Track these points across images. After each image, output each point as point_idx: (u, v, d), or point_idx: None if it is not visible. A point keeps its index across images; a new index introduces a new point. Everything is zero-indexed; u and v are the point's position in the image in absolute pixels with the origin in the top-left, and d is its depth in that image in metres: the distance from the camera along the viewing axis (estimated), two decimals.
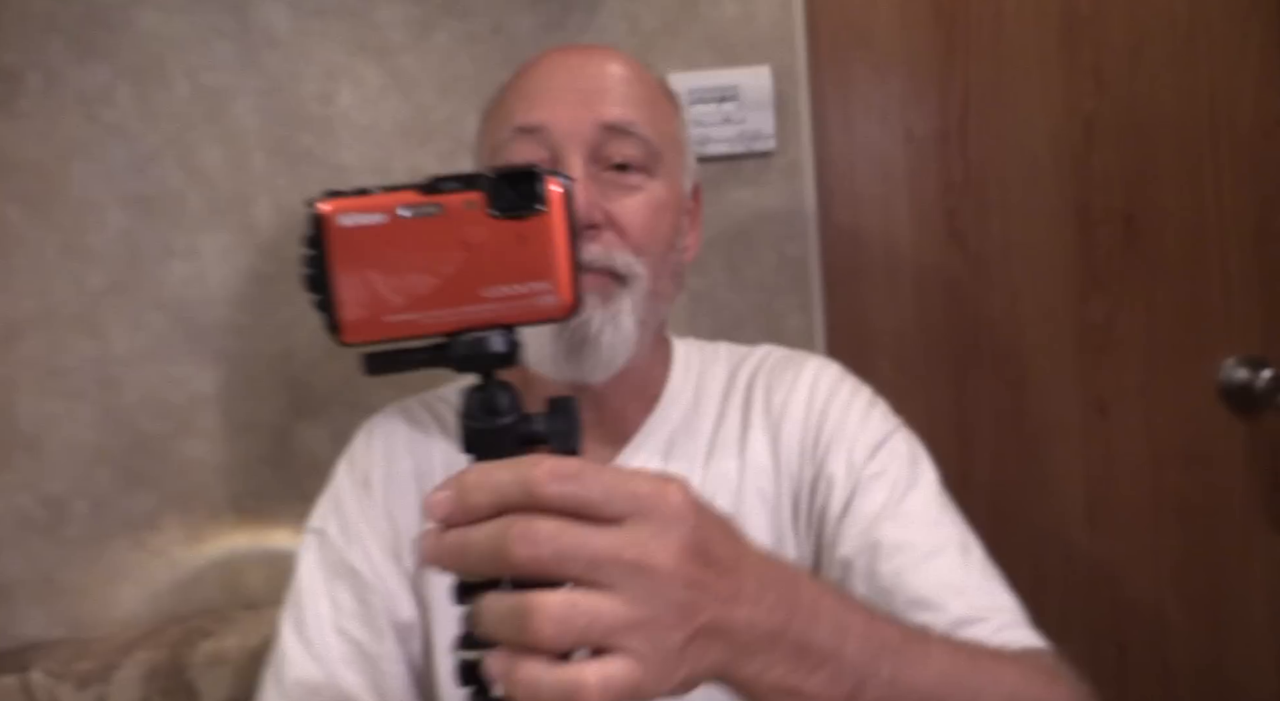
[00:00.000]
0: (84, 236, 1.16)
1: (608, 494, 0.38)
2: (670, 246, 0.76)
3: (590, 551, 0.37)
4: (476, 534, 0.38)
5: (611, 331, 0.70)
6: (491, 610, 0.39)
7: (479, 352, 0.42)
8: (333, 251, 0.41)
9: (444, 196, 0.41)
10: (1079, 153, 1.29)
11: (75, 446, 1.17)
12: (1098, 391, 1.32)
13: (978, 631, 0.64)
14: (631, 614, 0.38)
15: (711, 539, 0.41)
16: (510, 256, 0.41)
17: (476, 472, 0.39)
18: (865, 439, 0.76)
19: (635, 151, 0.72)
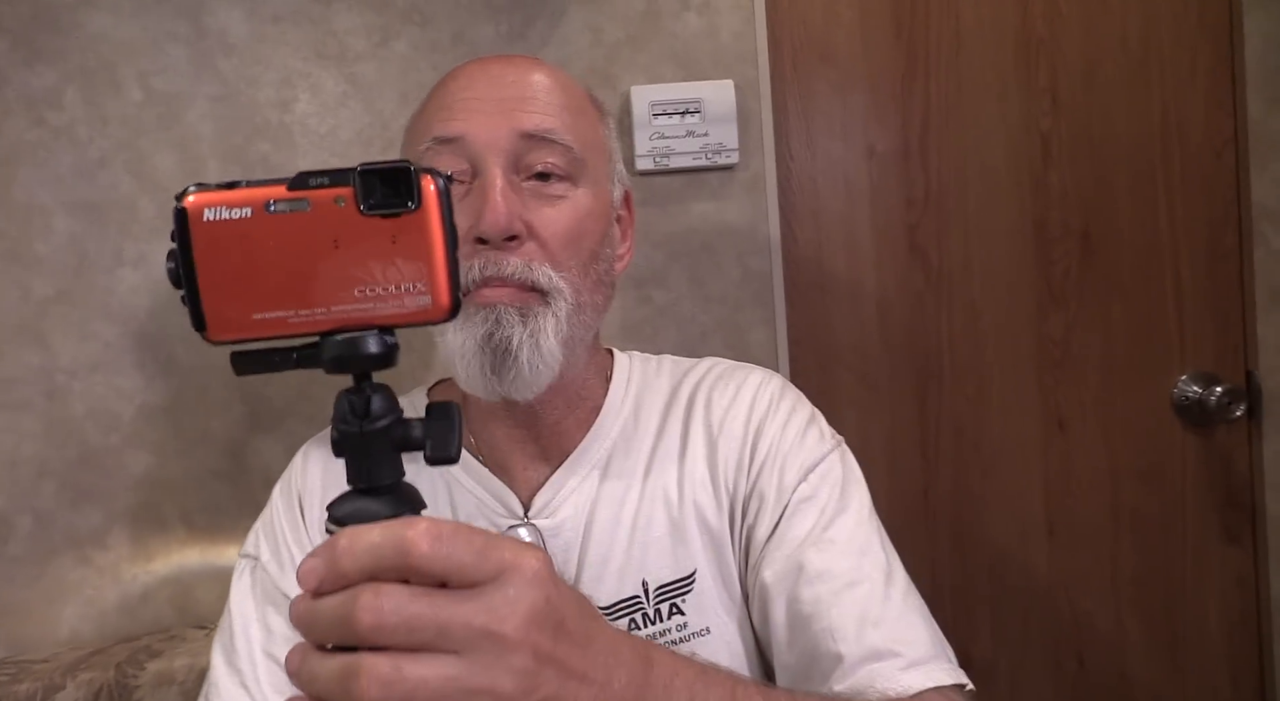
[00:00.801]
0: (29, 243, 1.13)
1: (475, 556, 0.38)
2: (595, 256, 0.74)
3: (440, 618, 0.37)
4: (325, 603, 0.37)
5: (531, 348, 0.68)
6: (321, 669, 0.38)
7: (352, 354, 0.41)
8: (197, 246, 0.39)
9: (313, 192, 0.39)
10: (1037, 170, 1.31)
11: (18, 460, 1.14)
12: (1056, 406, 1.34)
13: (886, 667, 0.64)
14: (468, 680, 0.37)
15: (565, 613, 0.41)
16: (383, 255, 0.40)
17: (348, 536, 0.38)
18: (799, 460, 0.74)
19: (557, 159, 0.71)
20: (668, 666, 0.46)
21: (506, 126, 0.69)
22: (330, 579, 0.37)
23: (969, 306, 1.31)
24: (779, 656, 0.69)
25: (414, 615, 0.36)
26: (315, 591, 0.38)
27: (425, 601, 0.37)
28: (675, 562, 0.73)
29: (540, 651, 0.39)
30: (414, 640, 0.36)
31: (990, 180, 1.30)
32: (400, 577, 0.37)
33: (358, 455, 0.41)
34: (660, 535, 0.74)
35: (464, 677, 0.37)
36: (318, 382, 1.17)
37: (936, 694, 0.64)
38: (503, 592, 0.38)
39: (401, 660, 0.36)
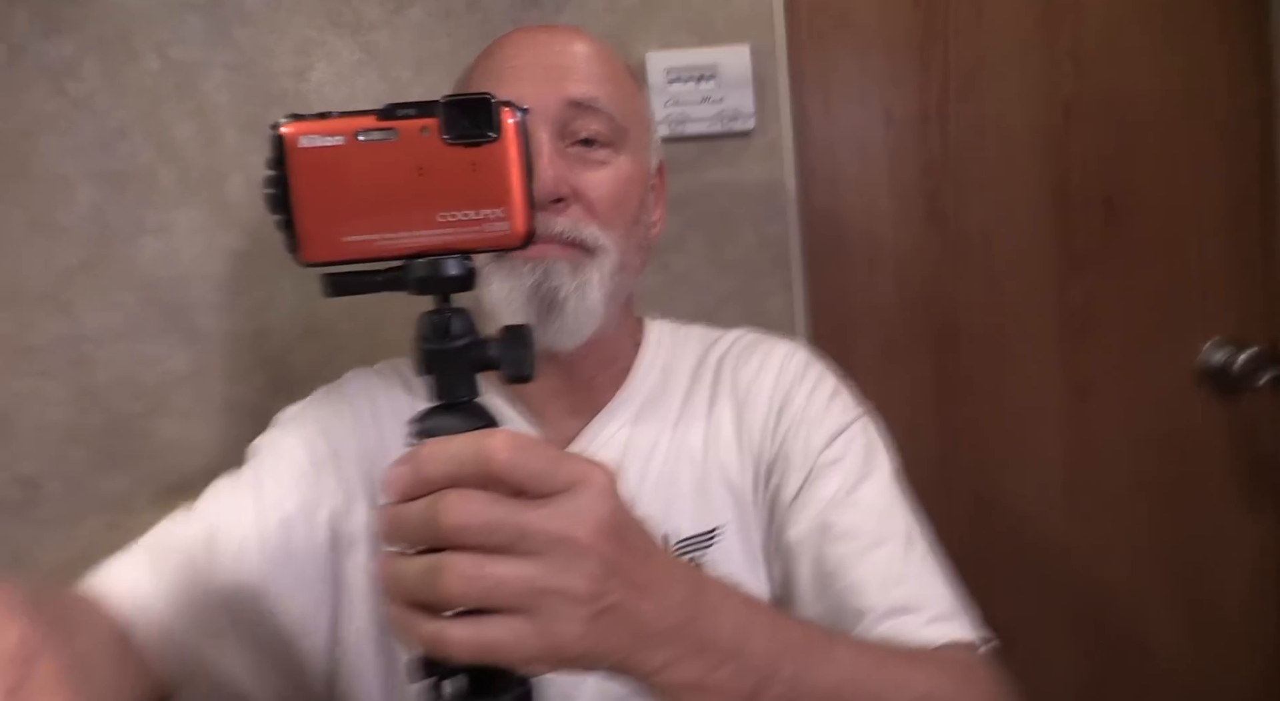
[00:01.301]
0: (52, 213, 1.14)
1: (550, 467, 0.40)
2: (636, 220, 0.77)
3: (517, 523, 0.39)
4: (412, 506, 0.40)
5: (578, 299, 0.71)
6: (407, 568, 0.40)
7: (434, 276, 0.43)
8: (293, 172, 0.41)
9: (400, 122, 0.41)
10: (1058, 135, 1.29)
11: (47, 426, 1.16)
12: (1077, 373, 1.33)
13: (909, 621, 0.65)
14: (543, 581, 0.39)
15: (629, 526, 0.43)
16: (464, 183, 0.42)
17: (432, 447, 0.40)
18: (826, 425, 0.76)
19: (600, 126, 0.73)
20: (717, 591, 0.48)
21: (553, 94, 0.71)
22: (415, 485, 0.40)
23: (988, 272, 1.30)
24: (802, 611, 0.71)
25: (494, 518, 0.39)
26: (401, 497, 0.40)
27: (504, 506, 0.39)
28: (699, 517, 0.75)
29: (609, 559, 0.41)
30: (493, 542, 0.39)
31: (1010, 145, 1.29)
32: (480, 485, 0.39)
33: (439, 372, 0.43)
34: (685, 491, 0.76)
35: (540, 578, 0.39)
36: (342, 350, 1.19)
37: (959, 647, 0.65)
38: (575, 502, 0.40)
39: (482, 559, 0.39)
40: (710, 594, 0.47)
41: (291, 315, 1.18)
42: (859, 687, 0.53)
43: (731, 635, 0.47)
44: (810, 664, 0.50)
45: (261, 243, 1.17)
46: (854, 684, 0.52)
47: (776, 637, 0.50)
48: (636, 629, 0.43)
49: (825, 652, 0.52)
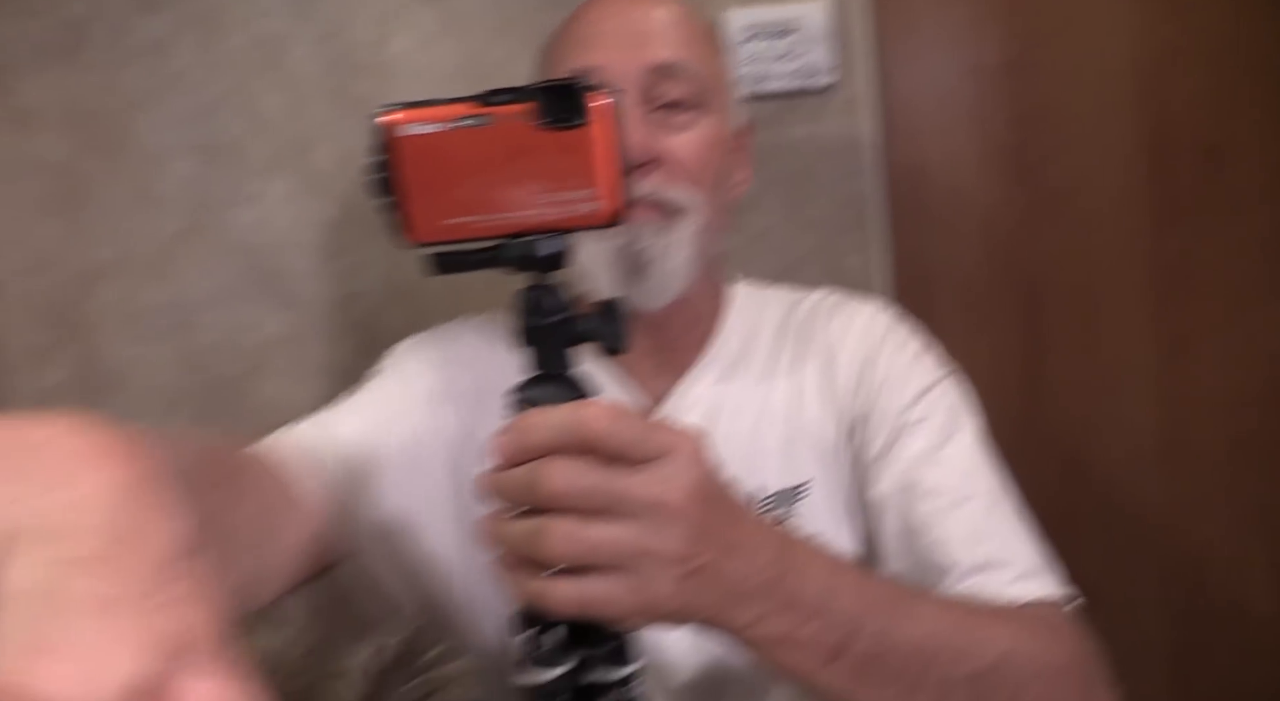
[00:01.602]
0: (154, 184, 1.20)
1: (643, 436, 0.42)
2: (720, 182, 0.78)
3: (614, 488, 0.42)
4: (515, 472, 0.42)
5: (665, 260, 0.72)
6: (512, 529, 0.43)
7: (529, 255, 0.45)
8: (396, 159, 0.43)
9: (496, 108, 0.43)
10: (1156, 81, 1.23)
11: (156, 387, 1.23)
12: (1171, 329, 1.28)
13: (995, 577, 0.66)
14: (638, 543, 0.42)
15: (719, 490, 0.45)
16: (557, 165, 0.43)
17: (533, 416, 0.43)
18: (913, 384, 0.77)
19: (684, 90, 0.73)
20: (804, 550, 0.50)
21: (638, 59, 0.72)
22: (518, 452, 0.43)
23: (1080, 226, 1.26)
24: (888, 566, 0.72)
25: (592, 484, 0.41)
26: (505, 463, 0.43)
27: (601, 472, 0.42)
28: (787, 472, 0.77)
29: (699, 522, 0.43)
30: (591, 506, 0.42)
31: (1105, 93, 1.23)
32: (578, 453, 0.42)
33: (536, 345, 0.46)
34: (771, 448, 0.77)
35: (636, 540, 0.42)
36: (429, 312, 1.22)
37: (1045, 604, 0.65)
38: (666, 468, 0.43)
39: (582, 522, 0.41)
40: (797, 553, 0.49)
41: (380, 279, 1.22)
42: (943, 642, 0.54)
43: (818, 592, 0.48)
44: (895, 619, 0.52)
45: (350, 209, 1.20)
46: (938, 638, 0.53)
47: (863, 594, 0.51)
48: (726, 587, 0.45)
49: (910, 609, 0.54)
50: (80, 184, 1.19)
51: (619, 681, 0.47)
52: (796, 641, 0.48)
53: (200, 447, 0.45)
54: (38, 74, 1.18)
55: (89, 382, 1.23)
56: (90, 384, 1.23)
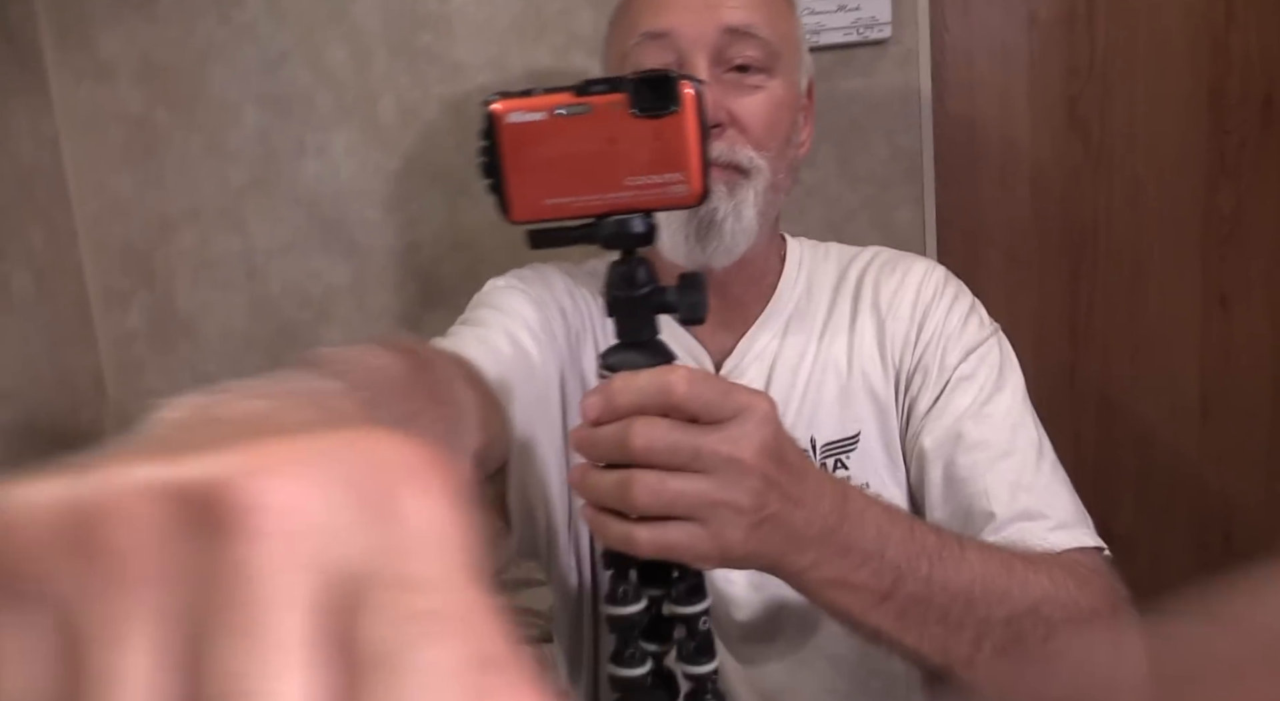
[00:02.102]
0: (224, 135, 1.24)
1: (720, 398, 0.47)
2: (788, 141, 0.80)
3: (694, 445, 0.46)
4: (605, 429, 0.47)
5: (734, 219, 0.75)
6: (604, 482, 0.48)
7: (622, 233, 0.49)
8: (503, 144, 0.47)
9: (593, 98, 0.46)
10: (1217, 32, 1.22)
11: (227, 332, 1.28)
12: (1220, 282, 1.29)
13: (1035, 526, 0.69)
14: (715, 495, 0.47)
15: (787, 448, 0.50)
16: (649, 150, 0.47)
17: (621, 379, 0.47)
18: (962, 341, 0.79)
19: (756, 53, 0.75)
20: (860, 501, 0.54)
21: (711, 22, 0.74)
22: (607, 412, 0.47)
23: (1131, 180, 1.27)
24: (932, 513, 0.76)
25: (675, 441, 0.46)
26: (594, 421, 0.48)
27: (682, 431, 0.46)
28: (841, 423, 0.81)
29: (769, 476, 0.48)
30: (673, 461, 0.46)
31: (1163, 45, 1.23)
32: (661, 413, 0.46)
33: (625, 315, 0.50)
34: (829, 398, 0.81)
35: (712, 492, 0.46)
36: (486, 262, 1.26)
37: (1080, 553, 0.69)
38: (741, 427, 0.47)
39: (665, 475, 0.46)
40: (854, 504, 0.53)
41: (440, 230, 1.25)
42: (986, 585, 0.58)
43: (873, 538, 0.53)
44: (944, 564, 0.56)
45: (411, 162, 1.24)
46: (982, 581, 0.57)
47: (913, 541, 0.55)
48: (790, 534, 0.50)
49: (957, 554, 0.58)
50: (155, 135, 1.24)
51: (692, 616, 0.52)
52: (850, 584, 0.53)
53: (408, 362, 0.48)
54: (115, 27, 1.21)
55: (163, 326, 1.29)
56: (164, 328, 1.29)
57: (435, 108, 1.23)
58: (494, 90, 0.48)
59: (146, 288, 1.28)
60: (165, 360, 1.29)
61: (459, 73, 1.22)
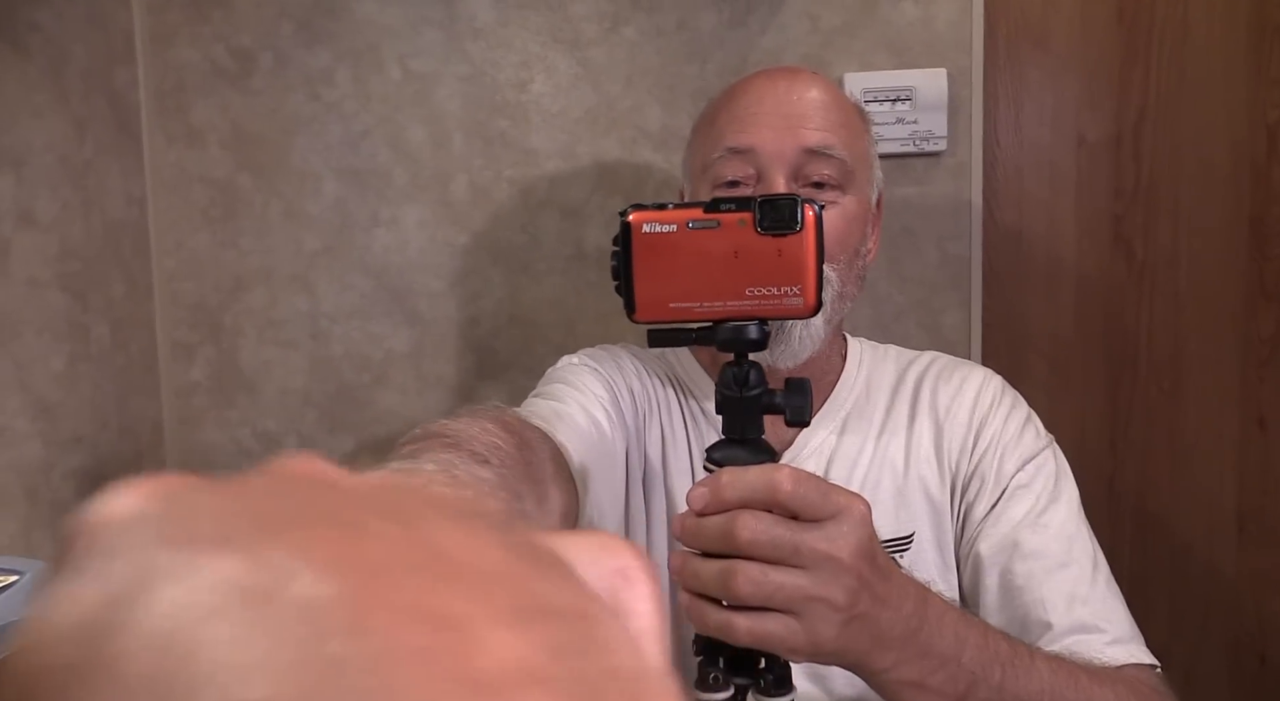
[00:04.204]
0: (303, 203, 1.30)
1: (821, 498, 0.50)
2: (857, 253, 0.84)
3: (795, 541, 0.49)
4: (715, 520, 0.50)
5: (804, 327, 0.79)
6: (706, 570, 0.50)
7: (739, 338, 0.53)
8: (635, 250, 0.51)
9: (722, 214, 0.51)
10: (1259, 164, 1.27)
11: (288, 390, 1.32)
12: (1259, 405, 1.31)
13: (1092, 640, 0.71)
14: (812, 590, 0.49)
15: (877, 550, 0.52)
16: (770, 264, 0.51)
17: (729, 474, 0.50)
18: (1020, 451, 0.82)
19: (832, 171, 0.80)
20: (939, 605, 0.57)
21: (792, 142, 0.79)
22: (714, 504, 0.50)
23: (1172, 299, 1.30)
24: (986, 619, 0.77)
25: (778, 536, 0.49)
26: (700, 512, 0.50)
27: (785, 527, 0.49)
28: (897, 523, 0.83)
29: (862, 576, 0.50)
30: (775, 555, 0.49)
31: (1207, 173, 1.28)
32: (765, 508, 0.49)
33: (734, 414, 0.54)
34: (886, 497, 0.83)
35: (810, 587, 0.49)
36: (542, 339, 1.30)
37: (1136, 669, 0.71)
38: (839, 527, 0.50)
39: (767, 568, 0.49)
40: (934, 608, 0.56)
41: (499, 305, 1.30)
42: (1055, 696, 0.59)
43: (950, 643, 0.55)
44: (1015, 673, 0.58)
45: (478, 239, 1.29)
46: (1050, 693, 0.59)
47: (987, 648, 0.57)
48: (876, 634, 0.52)
49: (1028, 664, 0.59)
50: (237, 198, 1.30)
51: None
52: (926, 686, 0.54)
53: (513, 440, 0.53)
54: (209, 96, 1.29)
55: (225, 381, 1.33)
56: (227, 382, 1.33)
57: (505, 190, 1.28)
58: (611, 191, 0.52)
59: (213, 343, 1.33)
60: (224, 413, 1.33)
61: (530, 158, 1.28)
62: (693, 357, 0.93)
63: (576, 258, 1.28)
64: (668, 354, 0.95)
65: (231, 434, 1.33)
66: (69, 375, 1.13)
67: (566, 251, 1.28)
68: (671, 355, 0.95)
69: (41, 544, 1.07)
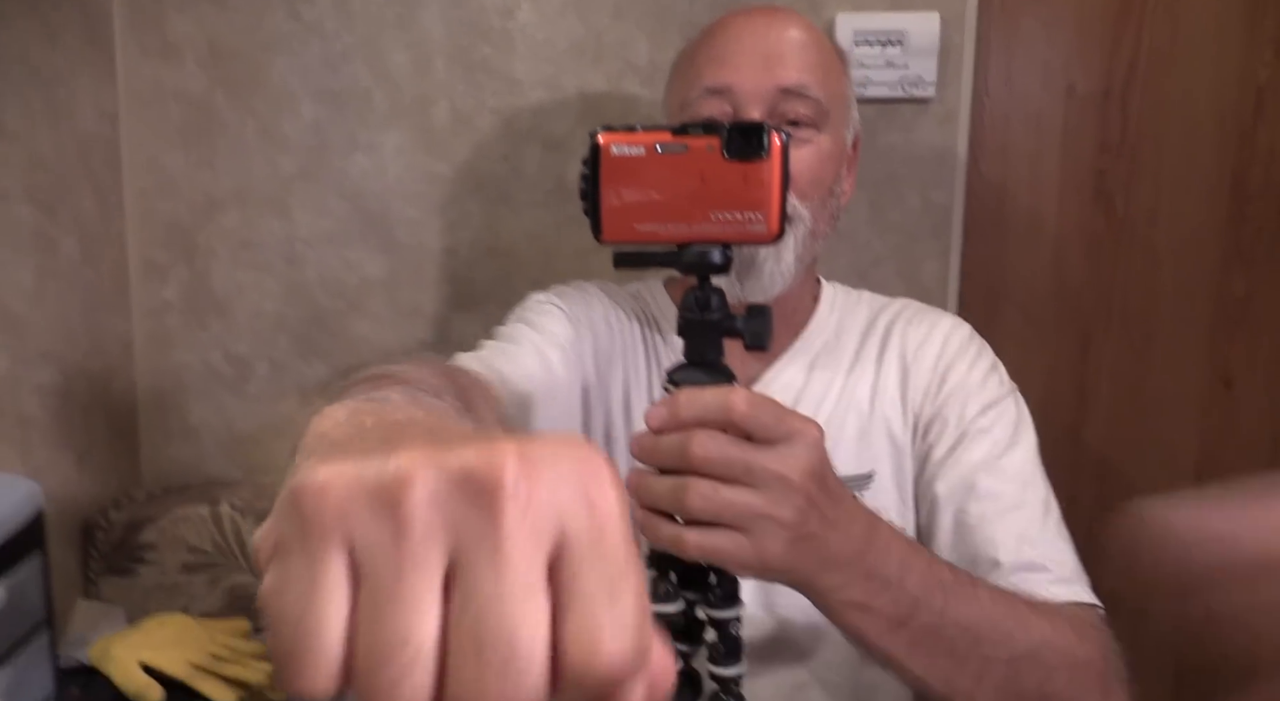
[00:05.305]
0: (279, 124, 1.27)
1: (775, 420, 0.51)
2: (830, 193, 0.84)
3: (747, 459, 0.50)
4: (670, 438, 0.51)
5: (774, 262, 0.80)
6: (660, 485, 0.52)
7: (702, 261, 0.53)
8: (603, 172, 0.51)
9: (690, 139, 0.51)
10: (1246, 125, 1.27)
11: (260, 314, 1.31)
12: (1226, 364, 1.33)
13: (1038, 578, 0.73)
14: (762, 508, 0.50)
15: (829, 474, 0.54)
16: (735, 190, 0.51)
17: (687, 394, 0.51)
18: (982, 396, 0.84)
19: (807, 111, 0.80)
20: (887, 532, 0.58)
21: (768, 80, 0.79)
22: (671, 422, 0.51)
23: (1149, 256, 1.31)
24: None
25: (731, 455, 0.50)
26: (657, 430, 0.51)
27: (738, 447, 0.50)
28: (858, 461, 0.84)
29: (811, 497, 0.51)
30: (727, 473, 0.50)
31: (1193, 131, 1.27)
32: (720, 428, 0.50)
33: (695, 337, 0.54)
34: (849, 436, 0.85)
35: (759, 505, 0.50)
36: (519, 272, 1.29)
37: (1079, 608, 0.73)
38: (791, 449, 0.51)
39: (718, 485, 0.50)
40: (881, 533, 0.57)
41: (477, 236, 1.29)
42: (993, 624, 0.61)
43: (895, 568, 0.57)
44: (957, 599, 0.60)
45: (458, 168, 1.27)
46: (989, 620, 0.61)
47: (931, 574, 0.59)
48: (824, 554, 0.53)
49: (970, 592, 0.61)
50: (212, 117, 1.27)
51: (724, 620, 0.56)
52: (869, 608, 0.56)
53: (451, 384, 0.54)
54: (184, 10, 1.25)
55: (198, 302, 1.32)
56: (199, 303, 1.31)
57: (487, 118, 1.26)
58: (596, 125, 0.52)
59: (185, 263, 1.31)
60: (195, 335, 1.32)
61: (513, 88, 1.26)
62: (665, 293, 0.94)
63: (557, 191, 1.27)
64: (642, 291, 0.95)
65: (202, 356, 1.32)
66: (37, 290, 1.12)
67: (547, 184, 1.27)
68: (646, 292, 0.95)
69: (7, 458, 1.06)
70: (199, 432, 1.34)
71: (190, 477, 1.33)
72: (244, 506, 1.18)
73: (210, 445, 1.34)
